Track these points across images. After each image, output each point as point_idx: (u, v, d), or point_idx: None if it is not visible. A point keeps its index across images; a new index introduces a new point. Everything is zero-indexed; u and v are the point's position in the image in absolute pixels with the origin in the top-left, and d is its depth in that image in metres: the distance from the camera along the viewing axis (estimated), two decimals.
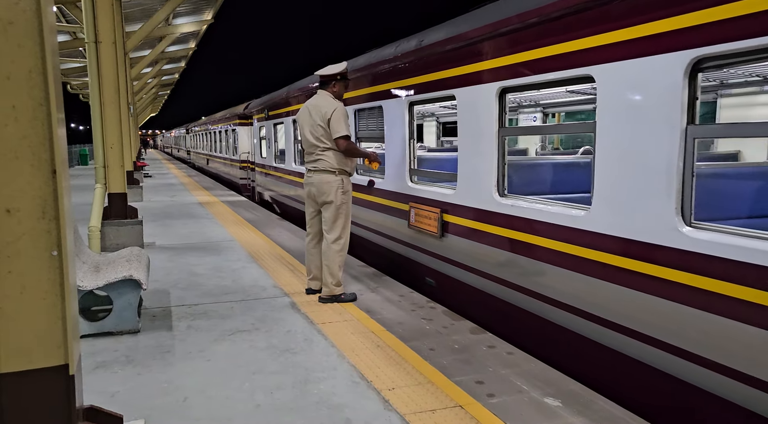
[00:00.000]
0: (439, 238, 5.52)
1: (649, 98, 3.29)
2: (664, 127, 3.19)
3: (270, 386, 3.49)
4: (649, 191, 3.31)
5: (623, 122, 3.49)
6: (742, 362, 2.82)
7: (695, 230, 3.08)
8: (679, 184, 3.15)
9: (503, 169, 4.68)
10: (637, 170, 3.39)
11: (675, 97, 3.11)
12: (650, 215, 3.30)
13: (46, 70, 1.94)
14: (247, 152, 17.59)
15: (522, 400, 3.31)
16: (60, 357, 2.02)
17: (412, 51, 5.96)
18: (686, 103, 3.08)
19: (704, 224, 3.09)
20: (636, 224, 3.40)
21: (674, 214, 3.16)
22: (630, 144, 3.45)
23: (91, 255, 4.92)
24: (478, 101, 4.87)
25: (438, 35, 5.51)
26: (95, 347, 4.12)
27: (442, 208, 5.46)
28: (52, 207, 1.98)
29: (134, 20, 15.16)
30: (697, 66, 3.04)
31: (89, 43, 7.43)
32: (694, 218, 3.13)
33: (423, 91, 5.79)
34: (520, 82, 4.38)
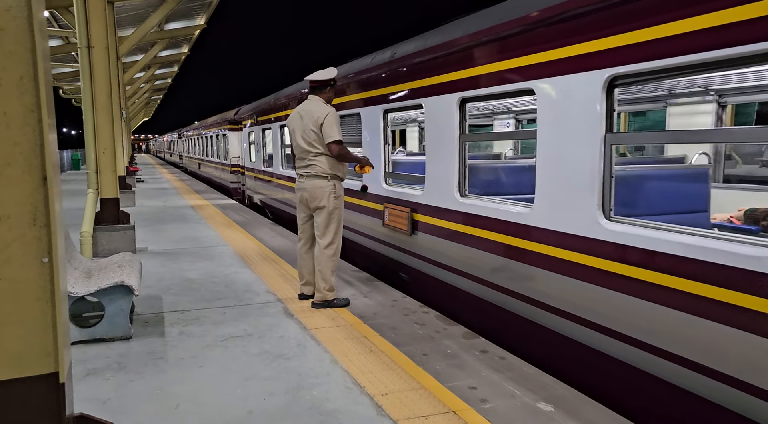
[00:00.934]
0: (410, 235, 5.92)
1: (576, 110, 3.76)
2: (587, 135, 3.68)
3: (263, 392, 3.48)
4: (577, 190, 3.78)
5: (556, 130, 3.96)
6: (653, 336, 3.30)
7: (612, 223, 3.54)
8: (600, 184, 3.63)
9: (464, 172, 5.15)
10: (568, 172, 3.85)
11: (595, 109, 3.60)
12: (578, 210, 3.76)
13: (37, 77, 1.94)
14: (238, 156, 18.11)
15: (515, 405, 3.32)
16: (50, 365, 2.01)
17: (385, 63, 6.42)
18: (605, 114, 3.56)
19: (621, 218, 3.56)
20: (568, 218, 3.86)
21: (596, 209, 3.63)
22: (562, 149, 3.91)
23: (82, 261, 4.89)
24: (442, 110, 5.31)
25: (407, 48, 6.02)
26: (87, 354, 4.09)
27: (412, 207, 5.87)
28: (43, 214, 1.97)
29: (127, 25, 15.12)
30: (613, 82, 3.52)
31: (82, 47, 7.41)
32: (613, 213, 3.60)
33: (396, 100, 6.20)
34: (477, 94, 4.84)
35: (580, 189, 3.74)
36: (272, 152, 12.11)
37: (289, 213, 10.68)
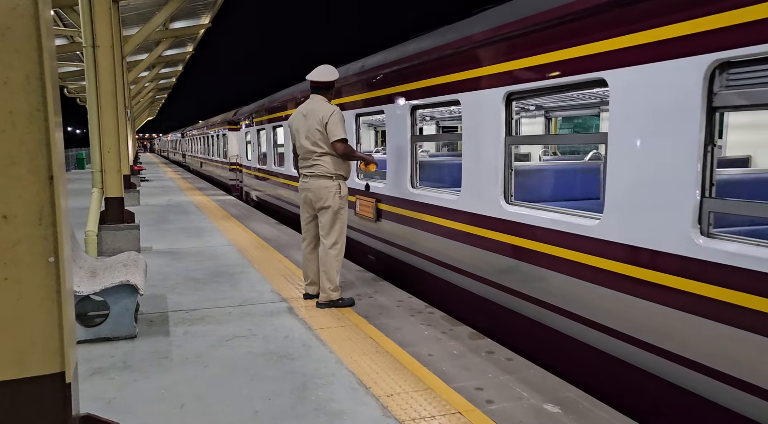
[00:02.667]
0: (375, 222, 6.87)
1: (487, 118, 4.76)
2: (494, 138, 4.70)
3: (268, 393, 3.47)
4: (489, 182, 4.80)
5: (474, 134, 5.01)
6: (542, 292, 4.22)
7: (511, 205, 4.60)
8: (502, 176, 4.65)
9: (415, 167, 6.15)
10: (484, 168, 4.86)
11: (500, 117, 4.61)
12: (489, 197, 4.80)
13: (43, 75, 1.93)
14: (236, 155, 19.04)
15: (521, 406, 3.30)
16: (56, 365, 1.99)
17: (356, 73, 7.38)
18: (504, 121, 4.59)
19: (518, 202, 4.60)
20: (482, 204, 4.91)
21: (500, 195, 4.66)
22: (477, 149, 4.95)
23: (87, 260, 4.89)
24: (399, 116, 6.30)
25: (375, 60, 6.98)
26: (92, 353, 4.09)
27: (377, 198, 6.82)
28: (49, 213, 1.96)
29: (132, 24, 15.15)
30: (510, 97, 4.55)
31: (87, 46, 7.41)
32: (513, 199, 4.64)
33: (365, 105, 7.24)
34: (425, 102, 5.88)
35: (490, 180, 4.76)
36: (266, 151, 13.08)
37: (281, 207, 12.12)
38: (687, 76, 3.06)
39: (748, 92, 2.87)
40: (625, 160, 3.50)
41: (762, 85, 2.81)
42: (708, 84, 2.99)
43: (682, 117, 3.11)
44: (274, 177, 12.39)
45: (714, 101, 3.00)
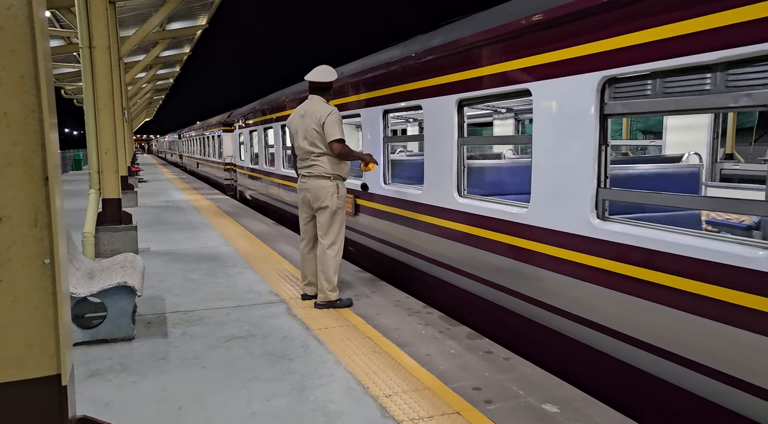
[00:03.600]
0: (354, 216, 7.48)
1: (444, 121, 5.39)
2: (449, 139, 5.33)
3: (266, 394, 3.46)
4: (445, 178, 5.42)
5: (433, 135, 5.62)
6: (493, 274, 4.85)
7: (462, 198, 5.26)
8: (456, 173, 5.30)
9: (388, 166, 6.74)
10: (441, 166, 5.48)
11: (453, 121, 5.25)
12: (445, 191, 5.43)
13: (38, 76, 1.92)
14: (231, 156, 20.05)
15: (519, 406, 3.30)
16: (52, 367, 1.98)
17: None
18: (457, 125, 5.26)
19: (469, 196, 5.26)
20: (439, 197, 5.54)
21: (454, 190, 5.31)
22: (436, 149, 5.58)
23: (85, 261, 4.87)
24: (372, 119, 6.90)
25: (351, 68, 7.59)
26: (89, 355, 4.08)
27: (355, 194, 7.39)
28: (44, 214, 1.95)
29: (128, 25, 15.11)
30: (461, 103, 5.20)
31: (83, 47, 7.40)
32: (466, 193, 5.30)
33: (343, 109, 7.59)
34: (395, 107, 6.44)
35: (446, 176, 5.39)
36: (258, 152, 13.95)
37: (271, 204, 13.06)
38: (585, 89, 3.73)
39: (628, 103, 3.56)
40: (544, 158, 4.20)
41: (638, 97, 3.50)
42: (600, 96, 3.67)
43: (582, 123, 3.78)
44: (265, 176, 13.29)
45: (605, 109, 3.68)
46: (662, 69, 3.25)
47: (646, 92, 3.46)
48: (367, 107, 7.02)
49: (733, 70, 2.97)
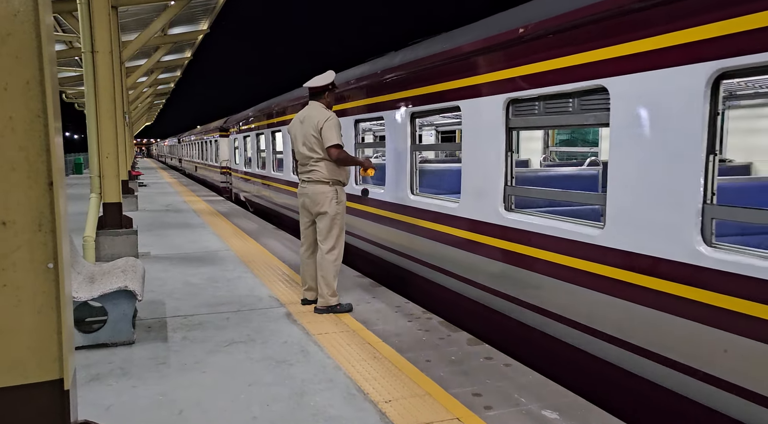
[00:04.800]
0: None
1: (400, 130, 6.31)
2: (405, 145, 6.21)
3: (266, 398, 3.46)
4: (402, 180, 6.27)
5: (393, 140, 6.47)
6: (430, 258, 5.81)
7: (415, 196, 6.10)
8: (410, 175, 6.16)
9: (356, 170, 7.29)
10: (399, 169, 6.32)
11: (407, 129, 6.19)
12: (402, 191, 6.29)
13: (44, 81, 1.93)
14: (227, 160, 21.32)
15: (519, 412, 3.30)
16: (55, 371, 1.99)
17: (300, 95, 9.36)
18: (410, 132, 6.18)
19: (421, 194, 6.12)
20: (398, 196, 6.39)
21: (408, 190, 6.16)
22: (394, 154, 6.45)
23: (85, 265, 4.88)
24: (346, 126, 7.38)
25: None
26: (90, 359, 4.08)
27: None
28: (48, 219, 1.96)
29: (130, 30, 15.16)
30: (414, 117, 6.14)
31: (85, 52, 7.42)
32: (417, 191, 6.17)
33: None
34: (365, 117, 7.27)
35: (402, 177, 6.25)
36: (251, 156, 15.02)
37: (262, 204, 14.09)
38: (495, 106, 4.69)
39: (522, 118, 4.59)
40: (469, 162, 5.12)
41: (528, 114, 4.54)
42: (506, 112, 4.62)
43: (495, 134, 4.73)
44: (256, 179, 14.35)
45: (509, 124, 4.64)
46: (544, 94, 4.24)
47: (534, 111, 4.48)
48: (343, 117, 7.26)
49: (583, 97, 4.00)
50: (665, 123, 3.29)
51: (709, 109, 3.09)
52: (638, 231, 3.48)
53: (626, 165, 3.58)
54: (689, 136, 3.15)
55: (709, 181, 3.14)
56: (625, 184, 3.59)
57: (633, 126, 3.51)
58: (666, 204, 3.30)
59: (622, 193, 3.61)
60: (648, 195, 3.43)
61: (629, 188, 3.56)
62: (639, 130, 3.47)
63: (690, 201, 3.16)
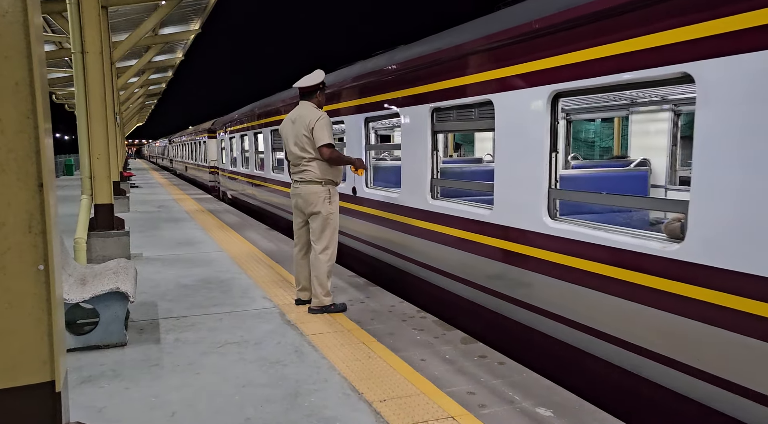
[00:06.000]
0: None
1: (357, 132, 7.26)
2: (360, 146, 7.19)
3: (260, 399, 3.46)
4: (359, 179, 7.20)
5: (350, 143, 7.51)
6: (378, 240, 6.86)
7: (368, 189, 7.05)
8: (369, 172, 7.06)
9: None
10: None
11: (361, 133, 7.16)
12: (360, 185, 7.16)
13: (33, 82, 1.92)
14: (215, 160, 22.35)
15: (514, 410, 3.31)
16: (46, 374, 1.98)
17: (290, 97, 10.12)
18: (365, 135, 7.16)
19: (373, 188, 7.02)
20: (358, 189, 7.22)
21: (363, 184, 7.13)
22: (351, 153, 7.33)
23: (77, 267, 4.85)
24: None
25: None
26: (81, 362, 4.06)
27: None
28: (38, 221, 1.95)
29: (121, 30, 15.09)
30: (367, 121, 7.07)
31: (75, 53, 7.38)
32: (372, 185, 7.14)
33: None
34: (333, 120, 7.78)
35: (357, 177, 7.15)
36: (236, 156, 16.16)
37: (246, 201, 15.28)
38: (424, 113, 5.67)
39: (441, 123, 5.60)
40: (406, 159, 6.14)
41: (445, 120, 5.59)
42: (431, 118, 5.61)
43: (423, 136, 5.71)
44: (240, 177, 15.70)
45: (434, 127, 5.64)
46: (455, 105, 5.27)
47: (450, 117, 5.50)
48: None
49: (480, 108, 5.03)
50: (526, 129, 4.34)
51: (550, 120, 4.13)
52: (512, 210, 4.55)
53: (504, 160, 4.65)
54: (538, 139, 4.19)
55: (553, 171, 4.17)
56: (504, 175, 4.66)
57: (508, 131, 4.56)
58: (527, 189, 4.35)
59: (502, 182, 4.68)
60: (517, 183, 4.48)
61: (506, 178, 4.62)
62: (511, 134, 4.53)
63: (540, 187, 4.20)
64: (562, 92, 4.05)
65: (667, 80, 3.41)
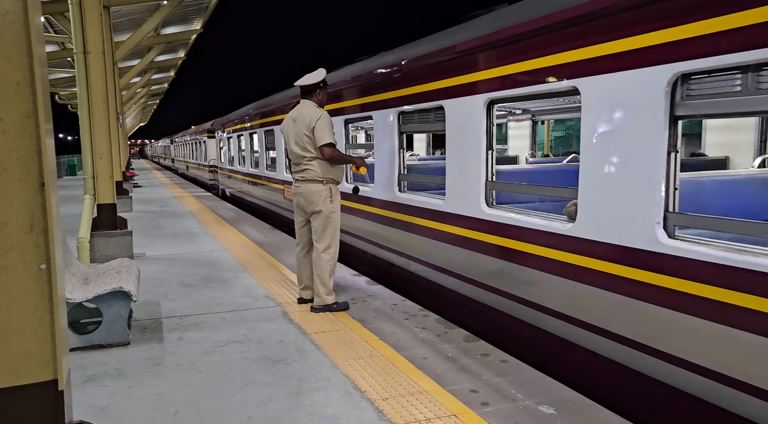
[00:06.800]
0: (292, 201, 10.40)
1: (338, 132, 7.35)
2: (341, 145, 7.09)
3: (262, 398, 3.46)
4: None
5: None
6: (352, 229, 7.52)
7: (347, 183, 7.35)
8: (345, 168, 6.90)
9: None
10: None
11: (341, 133, 7.62)
12: None
13: (34, 82, 1.93)
14: (214, 159, 23.23)
15: (516, 408, 3.31)
16: (49, 372, 1.99)
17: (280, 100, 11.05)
18: (344, 135, 7.68)
19: (348, 184, 7.36)
20: None
21: (344, 181, 7.30)
22: None
23: (80, 267, 4.86)
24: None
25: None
26: (85, 361, 4.07)
27: None
28: (40, 220, 1.95)
29: (123, 30, 15.11)
30: (346, 121, 7.65)
31: (78, 53, 7.39)
32: (350, 181, 7.59)
33: None
34: None
35: None
36: (233, 155, 16.96)
37: (242, 198, 16.06)
38: (391, 117, 6.36)
39: (408, 126, 6.23)
40: (378, 157, 6.79)
41: (409, 123, 6.22)
42: (398, 120, 6.30)
43: (392, 135, 6.41)
44: (237, 175, 16.47)
45: (401, 129, 6.32)
46: (416, 109, 5.93)
47: (414, 120, 6.14)
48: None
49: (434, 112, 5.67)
50: (468, 130, 5.03)
51: (486, 122, 4.83)
52: (460, 200, 5.23)
53: (453, 157, 5.31)
54: (478, 138, 4.90)
55: (490, 166, 4.89)
56: (453, 170, 5.34)
57: (456, 132, 5.24)
58: (470, 182, 5.03)
59: (452, 176, 5.38)
60: (462, 177, 5.18)
61: (455, 173, 5.30)
62: (458, 135, 5.20)
63: (480, 179, 4.93)
64: (495, 100, 4.78)
65: (565, 92, 4.01)
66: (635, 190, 3.40)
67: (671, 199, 3.25)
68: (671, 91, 3.17)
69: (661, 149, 3.24)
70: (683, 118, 3.16)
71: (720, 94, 2.95)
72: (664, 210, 3.27)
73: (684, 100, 3.14)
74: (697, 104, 3.09)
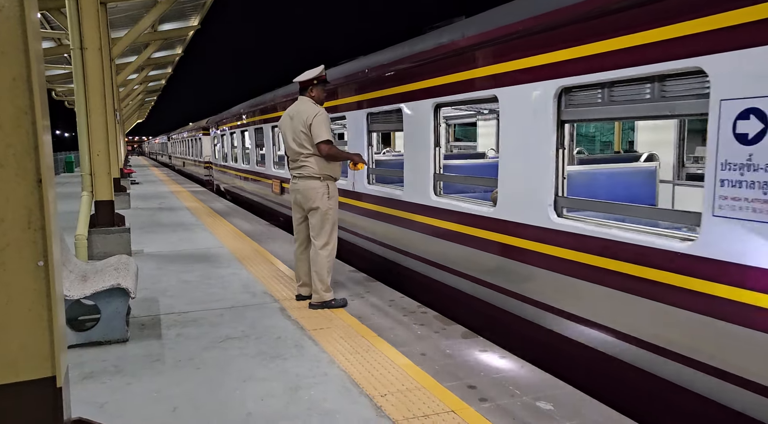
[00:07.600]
0: (280, 195, 10.74)
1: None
2: None
3: (261, 394, 3.47)
4: None
5: None
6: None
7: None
8: None
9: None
10: None
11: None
12: None
13: (30, 78, 1.92)
14: (209, 155, 23.96)
15: (514, 404, 3.31)
16: (47, 369, 1.99)
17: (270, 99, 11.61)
18: None
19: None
20: None
21: None
22: None
23: (78, 264, 4.86)
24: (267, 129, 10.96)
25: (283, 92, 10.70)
26: (83, 358, 4.07)
27: (281, 180, 10.66)
28: (37, 217, 1.95)
29: (120, 26, 15.05)
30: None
31: (74, 49, 7.37)
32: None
33: None
34: None
35: None
36: (226, 152, 17.69)
37: (235, 192, 16.90)
38: (362, 117, 7.04)
39: (376, 125, 6.92)
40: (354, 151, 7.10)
41: (379, 123, 6.88)
42: (367, 121, 6.99)
43: (362, 134, 7.09)
44: (231, 171, 17.08)
45: (369, 128, 7.02)
46: (383, 110, 6.61)
47: (380, 120, 6.82)
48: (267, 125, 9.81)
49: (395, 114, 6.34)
50: (421, 129, 5.71)
51: (434, 123, 5.55)
52: (415, 191, 5.90)
53: (409, 152, 6.04)
54: (427, 137, 5.59)
55: (437, 161, 5.58)
56: (410, 164, 6.03)
57: (411, 130, 5.95)
58: (422, 175, 5.72)
59: (409, 170, 6.05)
60: (415, 170, 5.89)
61: (411, 166, 5.99)
62: (413, 133, 5.90)
63: (429, 172, 5.62)
64: (441, 104, 5.49)
65: (490, 99, 4.77)
66: (535, 180, 4.25)
67: (560, 186, 4.11)
68: (558, 101, 4.03)
69: (552, 146, 4.08)
70: (567, 123, 4.05)
71: (588, 103, 3.85)
72: (555, 195, 4.12)
73: (566, 108, 3.99)
74: (575, 111, 3.95)
